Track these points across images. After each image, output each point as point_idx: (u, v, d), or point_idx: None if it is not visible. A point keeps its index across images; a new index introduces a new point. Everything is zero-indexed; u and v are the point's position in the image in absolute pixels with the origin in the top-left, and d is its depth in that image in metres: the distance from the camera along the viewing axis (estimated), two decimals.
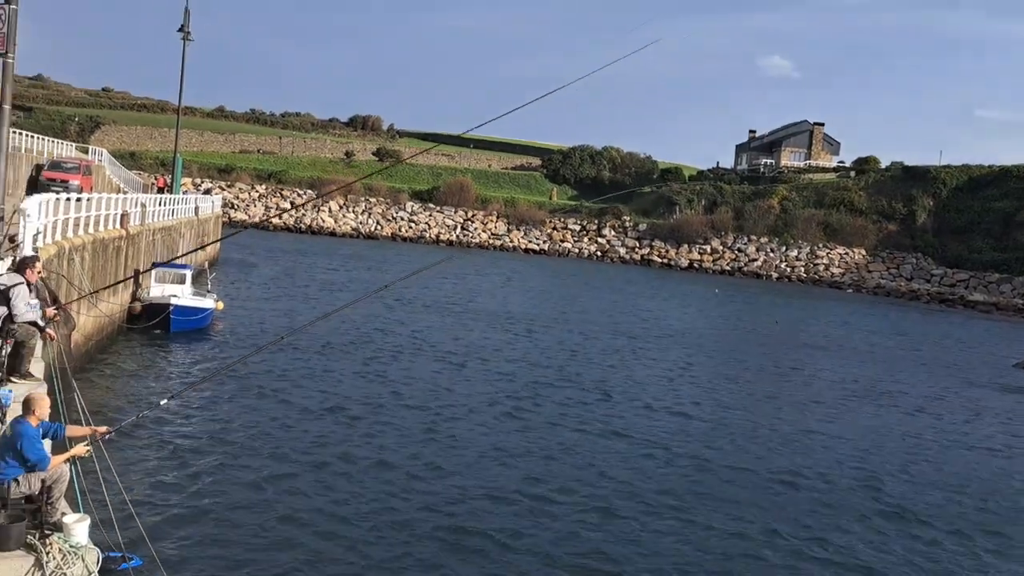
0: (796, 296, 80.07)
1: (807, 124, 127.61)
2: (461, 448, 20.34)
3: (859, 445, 24.19)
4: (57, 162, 47.41)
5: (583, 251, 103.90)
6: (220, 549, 13.37)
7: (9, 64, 13.43)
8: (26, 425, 8.91)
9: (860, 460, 22.59)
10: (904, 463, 22.76)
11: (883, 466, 22.21)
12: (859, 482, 20.61)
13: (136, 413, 11.74)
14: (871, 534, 17.15)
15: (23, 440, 8.74)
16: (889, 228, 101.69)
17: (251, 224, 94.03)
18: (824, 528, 17.17)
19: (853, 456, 22.96)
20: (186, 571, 12.42)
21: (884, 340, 51.16)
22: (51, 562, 8.42)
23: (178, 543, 13.33)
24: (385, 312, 41.28)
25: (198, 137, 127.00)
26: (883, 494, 19.80)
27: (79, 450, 9.52)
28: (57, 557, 8.47)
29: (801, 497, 19.07)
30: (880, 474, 21.43)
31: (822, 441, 24.36)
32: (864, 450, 23.67)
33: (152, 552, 11.50)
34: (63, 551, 8.52)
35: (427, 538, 14.75)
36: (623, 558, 14.69)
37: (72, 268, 22.04)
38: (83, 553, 8.63)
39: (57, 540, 8.61)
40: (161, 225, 37.09)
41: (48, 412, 9.40)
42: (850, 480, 20.71)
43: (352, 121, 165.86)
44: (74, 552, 8.57)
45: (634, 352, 37.15)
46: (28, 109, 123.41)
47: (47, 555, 8.45)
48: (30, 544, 8.54)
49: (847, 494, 19.57)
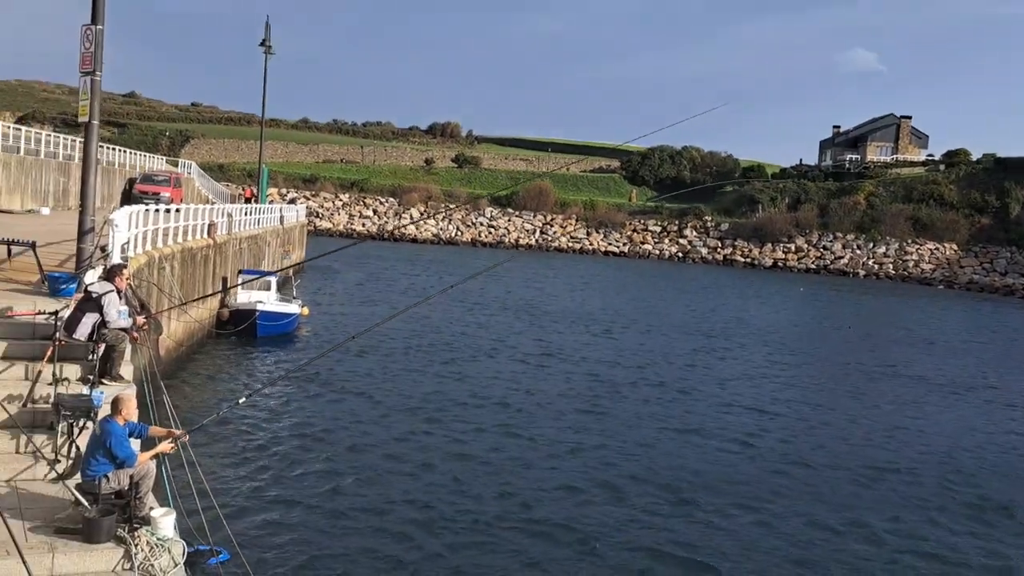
0: (885, 293, 78.17)
1: (893, 118, 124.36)
2: (540, 444, 20.49)
3: (946, 440, 23.62)
4: (149, 175, 49.16)
5: (664, 252, 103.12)
6: (302, 543, 13.76)
7: (96, 82, 14.08)
8: (114, 424, 9.37)
9: (946, 455, 22.06)
10: (994, 458, 22.14)
11: (971, 461, 21.66)
12: (945, 477, 20.14)
13: (216, 412, 12.16)
14: (958, 527, 16.77)
15: (112, 438, 9.20)
16: (982, 222, 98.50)
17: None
18: (910, 521, 16.85)
19: (940, 451, 22.44)
20: (270, 564, 12.83)
21: (975, 336, 49.66)
22: (139, 554, 8.86)
23: (261, 537, 13.77)
24: (466, 315, 41.72)
25: (283, 148, 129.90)
26: (970, 488, 19.32)
27: (164, 447, 9.96)
28: (145, 549, 8.90)
29: (885, 491, 18.73)
30: (969, 469, 20.91)
31: (907, 436, 23.85)
32: (952, 445, 23.10)
33: (236, 546, 11.91)
34: (150, 543, 8.96)
35: (507, 530, 14.94)
36: (704, 550, 14.66)
37: (162, 276, 22.86)
38: (169, 545, 9.06)
39: (145, 533, 9.05)
40: (247, 234, 38.11)
41: (135, 412, 9.86)
42: (936, 474, 20.26)
43: (431, 128, 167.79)
44: (161, 544, 9.00)
45: (714, 351, 36.82)
46: (122, 125, 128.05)
47: (136, 547, 8.89)
48: (120, 537, 9.00)
49: (934, 488, 19.15)
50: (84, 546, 8.84)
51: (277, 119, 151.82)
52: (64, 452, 10.64)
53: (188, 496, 12.32)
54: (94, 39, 14.06)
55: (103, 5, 14.20)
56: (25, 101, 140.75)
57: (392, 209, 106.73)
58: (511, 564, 13.83)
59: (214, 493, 13.23)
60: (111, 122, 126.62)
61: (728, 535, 15.64)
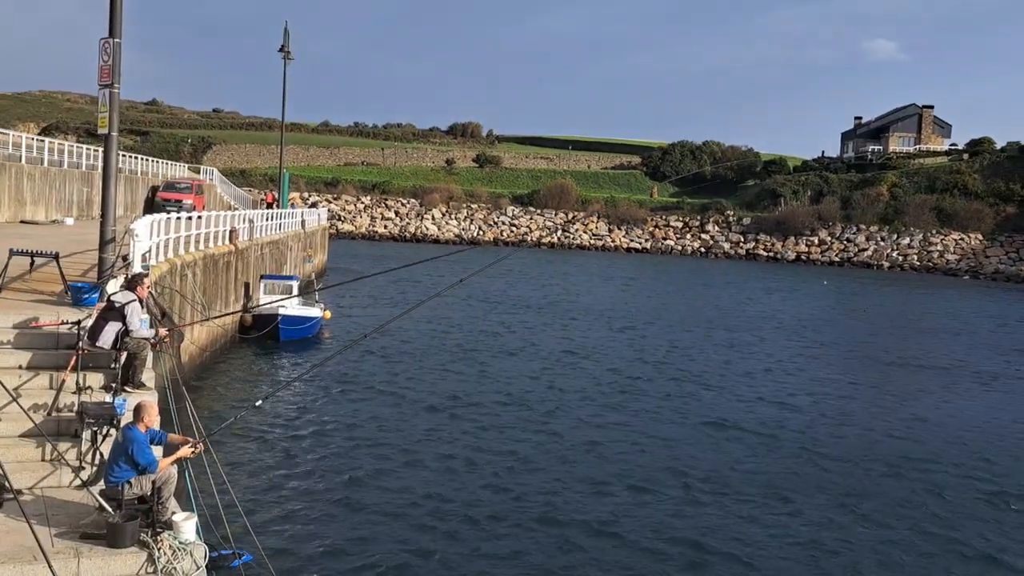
0: (909, 285, 77.62)
1: (915, 108, 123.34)
2: (562, 440, 20.61)
3: (969, 430, 23.53)
4: (171, 183, 49.72)
5: (686, 248, 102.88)
6: (325, 544, 13.95)
7: (115, 94, 14.32)
8: (136, 431, 9.58)
9: (967, 445, 21.98)
10: (1017, 447, 22.05)
11: (995, 450, 21.57)
12: (969, 465, 20.08)
13: (235, 416, 12.35)
14: (981, 516, 16.73)
15: (134, 445, 9.41)
16: (1007, 211, 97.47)
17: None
18: (933, 511, 16.84)
19: (963, 440, 22.37)
20: (293, 566, 13.02)
21: (1001, 326, 49.24)
22: (162, 557, 9.05)
23: (284, 539, 13.98)
24: (488, 314, 41.89)
25: (304, 152, 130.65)
26: (994, 478, 19.26)
27: (184, 452, 10.15)
28: (168, 553, 9.09)
29: (910, 481, 18.71)
30: (993, 458, 20.83)
31: (929, 426, 23.77)
32: (976, 435, 23.01)
33: (259, 549, 12.10)
34: (173, 547, 9.14)
35: (531, 526, 15.07)
36: (729, 541, 14.72)
37: (184, 283, 23.15)
38: (191, 549, 9.24)
39: (167, 537, 9.24)
40: (269, 239, 38.45)
41: (157, 419, 10.06)
42: (960, 463, 20.20)
43: (452, 129, 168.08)
44: (183, 548, 9.19)
45: (738, 345, 36.76)
46: (144, 133, 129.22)
47: (159, 551, 9.08)
48: (143, 541, 9.19)
49: (957, 478, 19.11)
50: (108, 551, 9.03)
51: (298, 123, 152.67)
52: (88, 459, 10.87)
53: (211, 500, 12.52)
54: (112, 52, 14.30)
55: (120, 18, 14.44)
56: (49, 112, 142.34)
57: (414, 210, 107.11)
58: (535, 559, 13.94)
59: (236, 496, 13.45)
60: (133, 130, 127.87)
61: (752, 525, 15.71)
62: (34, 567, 8.47)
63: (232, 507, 12.59)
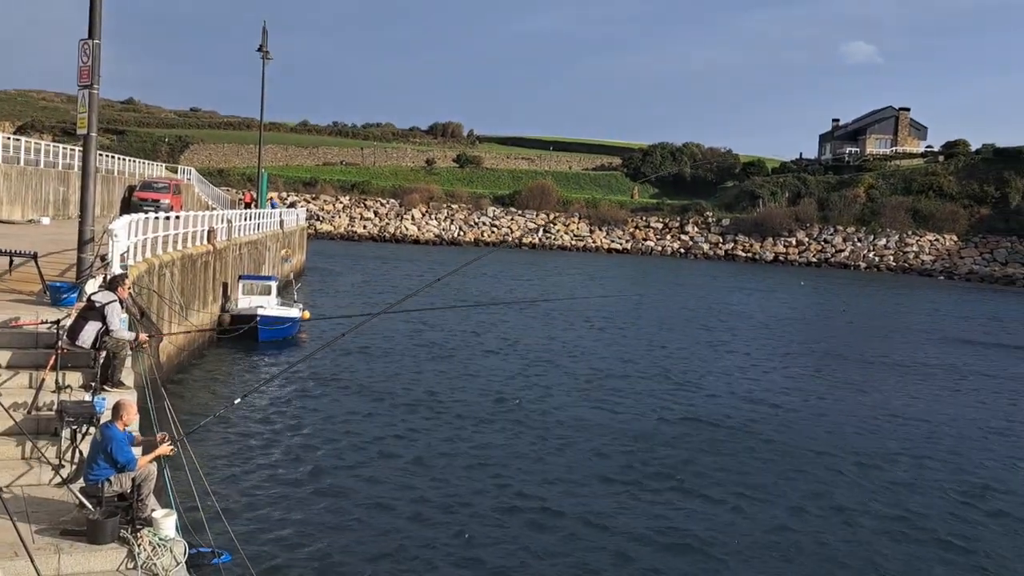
0: (885, 285, 78.37)
1: (892, 110, 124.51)
2: (541, 438, 20.76)
3: (939, 426, 23.91)
4: (148, 183, 49.54)
5: (666, 248, 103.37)
6: (304, 542, 14.05)
7: (95, 95, 14.39)
8: (114, 429, 9.69)
9: (936, 439, 22.34)
10: (977, 439, 22.44)
11: (957, 442, 21.95)
12: (935, 460, 20.43)
13: (213, 412, 12.44)
14: (951, 509, 17.06)
15: (113, 443, 9.52)
16: (981, 212, 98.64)
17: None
18: (898, 502, 17.15)
19: (930, 435, 22.73)
20: (272, 564, 13.13)
21: (973, 326, 49.85)
22: (142, 554, 9.17)
23: (263, 538, 14.07)
24: (471, 314, 42.01)
25: (283, 152, 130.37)
26: (961, 470, 19.61)
27: (163, 450, 10.26)
28: (147, 549, 9.21)
29: (882, 475, 19.02)
30: (955, 449, 21.20)
31: (897, 422, 24.13)
32: (945, 431, 23.38)
33: (239, 547, 12.20)
34: (153, 544, 9.27)
35: (508, 522, 15.23)
36: (698, 535, 14.95)
37: (163, 283, 23.19)
38: (171, 545, 9.37)
39: (147, 534, 9.36)
40: (247, 239, 38.43)
41: (135, 418, 10.17)
42: (927, 458, 20.55)
43: (432, 129, 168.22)
44: (163, 544, 9.31)
45: (714, 344, 37.07)
46: (121, 132, 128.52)
47: (138, 547, 9.21)
48: (123, 538, 9.31)
49: (929, 470, 19.45)
50: (89, 547, 9.14)
51: (277, 122, 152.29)
52: (68, 457, 10.95)
53: (190, 499, 12.62)
54: (92, 53, 14.37)
55: (100, 19, 14.51)
56: (25, 111, 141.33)
57: (393, 210, 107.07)
58: (511, 549, 14.11)
59: (216, 495, 13.55)
60: (110, 129, 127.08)
61: (725, 516, 15.93)
62: (16, 563, 8.58)
63: (212, 506, 12.68)
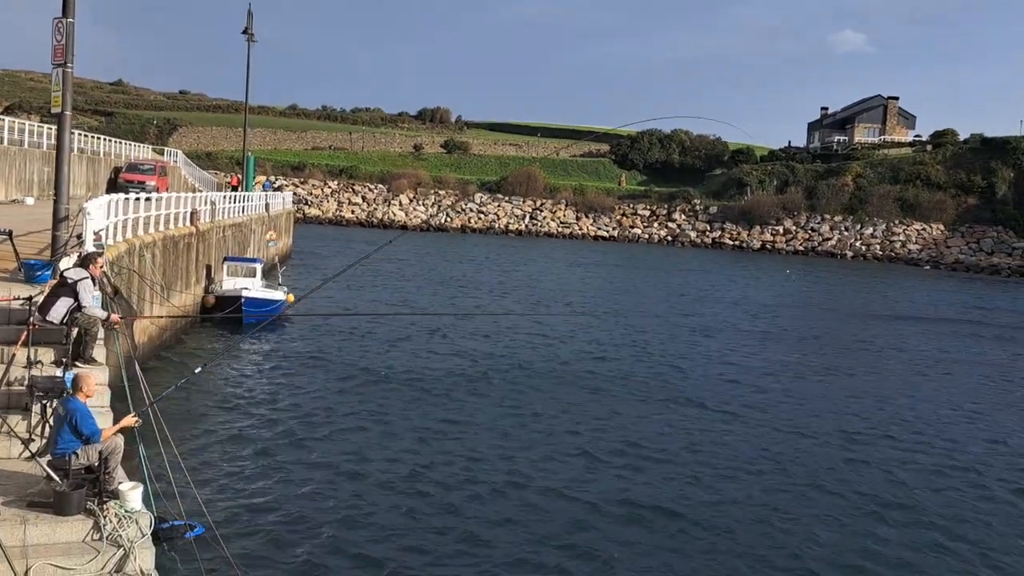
0: (871, 274, 78.76)
1: (881, 99, 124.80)
2: (523, 420, 20.92)
3: (918, 410, 24.17)
4: (134, 164, 49.44)
5: (653, 236, 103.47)
6: (275, 517, 14.18)
7: (68, 74, 14.40)
8: (76, 402, 9.78)
9: (916, 422, 22.59)
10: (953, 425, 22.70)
11: (946, 428, 22.20)
12: (918, 443, 20.67)
13: (174, 384, 12.46)
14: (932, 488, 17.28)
15: (77, 415, 9.61)
16: (968, 202, 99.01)
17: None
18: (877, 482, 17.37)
19: (911, 418, 22.99)
20: (243, 538, 13.24)
21: (958, 313, 50.19)
22: (108, 525, 9.29)
23: (235, 512, 14.19)
24: (457, 296, 42.11)
25: (271, 135, 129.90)
26: (943, 452, 19.84)
27: (128, 421, 10.35)
28: (113, 521, 9.32)
29: (858, 454, 19.24)
30: (945, 436, 21.45)
31: (879, 405, 24.39)
32: (923, 413, 23.64)
33: (211, 521, 12.32)
34: (119, 515, 9.38)
35: (477, 493, 15.38)
36: (681, 514, 15.12)
37: (143, 264, 23.20)
38: (137, 517, 9.48)
39: (114, 506, 9.47)
40: (232, 222, 38.40)
41: (95, 390, 10.25)
42: (908, 440, 20.78)
43: (421, 114, 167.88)
44: (129, 516, 9.42)
45: (699, 329, 37.25)
46: (109, 114, 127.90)
47: (104, 519, 9.32)
48: (89, 509, 9.42)
49: (905, 453, 19.67)
50: (55, 518, 9.25)
51: (266, 106, 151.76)
52: (38, 432, 11.02)
53: (163, 472, 12.73)
54: (65, 31, 14.38)
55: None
56: (12, 91, 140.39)
57: (381, 196, 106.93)
58: (478, 520, 14.26)
59: (190, 469, 13.67)
60: (98, 111, 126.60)
61: (710, 496, 16.12)
62: None
63: (184, 481, 12.80)
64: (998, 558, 14.71)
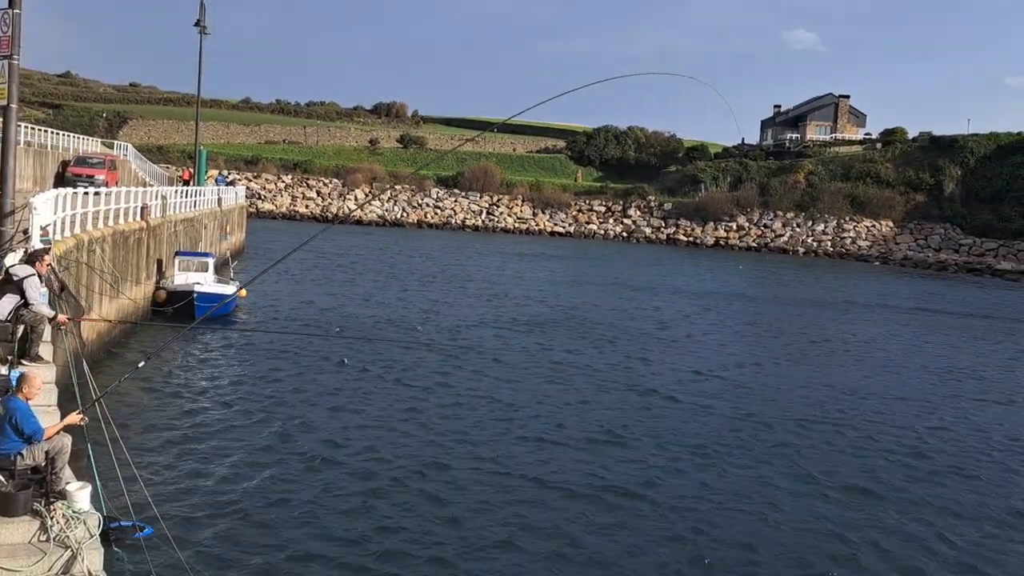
0: (822, 269, 79.86)
1: (832, 97, 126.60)
2: (471, 413, 20.93)
3: (864, 396, 24.61)
4: (83, 158, 48.54)
5: (609, 232, 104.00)
6: (226, 517, 14.02)
7: (14, 65, 14.11)
8: (17, 401, 9.58)
9: (864, 408, 23.00)
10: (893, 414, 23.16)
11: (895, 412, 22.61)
12: (867, 427, 21.04)
13: (119, 379, 12.29)
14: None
15: (18, 414, 9.43)
16: (917, 199, 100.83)
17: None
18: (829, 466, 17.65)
19: (860, 405, 23.39)
20: (193, 538, 13.09)
21: (902, 308, 51.12)
22: (55, 526, 9.11)
23: (185, 512, 14.01)
24: (410, 290, 41.99)
25: (224, 129, 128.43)
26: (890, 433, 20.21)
27: (72, 419, 10.16)
28: (61, 522, 9.15)
29: (816, 439, 19.52)
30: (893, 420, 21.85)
31: (830, 391, 24.77)
32: (869, 399, 24.07)
33: (160, 521, 12.15)
34: (66, 516, 9.20)
35: (427, 493, 15.35)
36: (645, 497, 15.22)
37: (92, 259, 22.82)
38: (85, 518, 9.32)
39: (61, 507, 9.29)
40: (183, 216, 37.91)
41: (39, 391, 10.05)
42: (858, 426, 21.14)
43: (376, 108, 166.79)
44: (76, 517, 9.25)
45: (654, 324, 37.53)
46: (57, 106, 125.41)
47: (52, 520, 9.14)
48: (36, 510, 9.24)
49: (856, 438, 20.00)
50: (0, 520, 9.06)
51: (218, 99, 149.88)
52: None
53: (112, 473, 12.52)
54: (12, 22, 14.09)
55: None
56: None
57: (336, 190, 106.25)
58: (440, 533, 14.24)
59: (139, 469, 13.45)
60: (45, 103, 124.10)
61: (671, 479, 16.25)
62: None
63: (134, 480, 12.60)
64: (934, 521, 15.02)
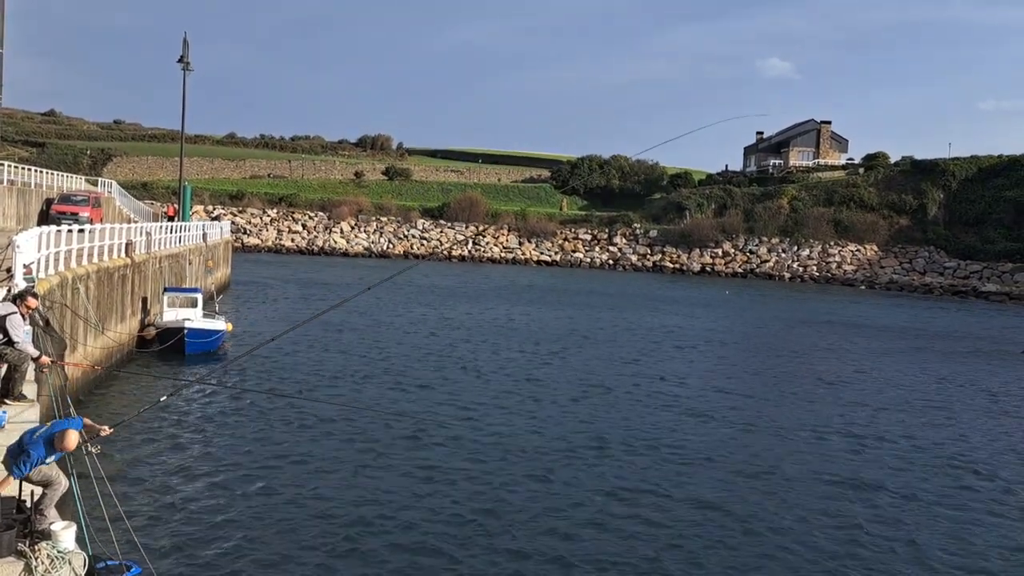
0: (808, 294, 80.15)
1: (814, 123, 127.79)
2: (458, 451, 20.82)
3: (850, 416, 24.62)
4: (67, 195, 48.46)
5: (595, 260, 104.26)
6: (213, 556, 13.87)
7: None
8: (41, 449, 9.48)
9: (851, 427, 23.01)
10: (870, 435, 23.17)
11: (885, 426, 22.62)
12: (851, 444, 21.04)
13: (120, 420, 12.21)
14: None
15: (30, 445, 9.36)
16: (900, 223, 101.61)
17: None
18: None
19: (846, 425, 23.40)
20: None
21: (890, 332, 51.33)
22: (39, 567, 8.97)
23: (173, 552, 13.84)
24: (395, 324, 41.90)
25: (208, 164, 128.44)
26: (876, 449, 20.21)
27: (103, 431, 10.14)
28: (45, 562, 9.01)
29: (799, 455, 19.50)
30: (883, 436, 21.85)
31: (812, 408, 24.79)
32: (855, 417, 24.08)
33: (147, 561, 12.01)
34: (51, 556, 9.07)
35: (416, 525, 15.26)
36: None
37: (76, 297, 22.70)
38: (70, 557, 9.19)
39: (46, 546, 9.15)
40: (168, 252, 37.81)
41: (70, 449, 9.84)
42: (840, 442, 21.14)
43: (361, 141, 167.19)
44: (61, 557, 9.12)
45: (638, 352, 37.54)
46: (41, 144, 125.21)
47: (36, 560, 9.01)
48: (20, 551, 9.11)
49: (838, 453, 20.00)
50: None
51: (203, 135, 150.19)
52: None
53: (98, 512, 12.40)
54: None
55: (3, 29, 14.25)
56: None
57: (322, 223, 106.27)
58: (418, 548, 14.14)
59: (125, 508, 13.33)
60: (29, 142, 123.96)
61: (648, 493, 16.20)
62: None
63: (120, 519, 12.48)
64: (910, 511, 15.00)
